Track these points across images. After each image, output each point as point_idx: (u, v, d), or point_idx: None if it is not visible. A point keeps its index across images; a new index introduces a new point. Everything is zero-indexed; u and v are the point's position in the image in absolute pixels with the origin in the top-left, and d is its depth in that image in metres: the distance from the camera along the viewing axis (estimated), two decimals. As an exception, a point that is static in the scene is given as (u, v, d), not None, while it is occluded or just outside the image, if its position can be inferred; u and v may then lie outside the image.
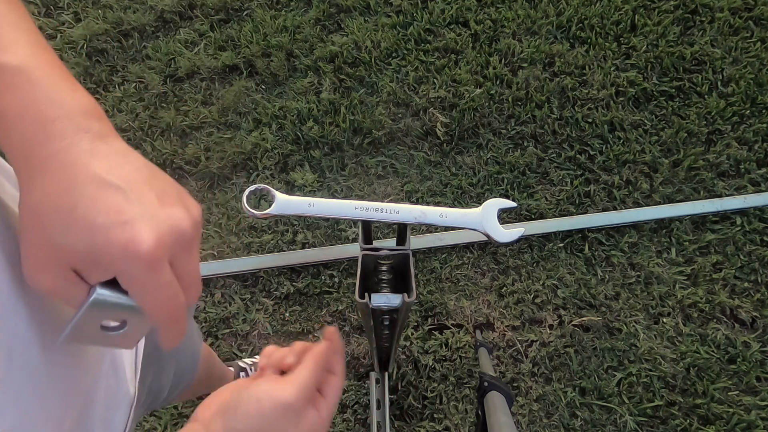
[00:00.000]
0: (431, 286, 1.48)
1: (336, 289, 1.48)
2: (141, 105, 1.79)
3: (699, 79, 1.71)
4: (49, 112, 0.28)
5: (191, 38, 1.90)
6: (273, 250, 1.54)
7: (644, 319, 1.42)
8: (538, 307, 1.45)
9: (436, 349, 1.40)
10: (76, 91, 0.30)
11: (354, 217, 0.57)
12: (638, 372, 1.35)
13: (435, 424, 1.33)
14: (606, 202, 1.57)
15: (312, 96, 1.76)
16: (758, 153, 1.61)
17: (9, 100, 0.28)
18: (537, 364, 1.39)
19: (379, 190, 1.62)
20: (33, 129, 0.28)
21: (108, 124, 0.31)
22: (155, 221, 0.29)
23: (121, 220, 0.28)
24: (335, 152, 1.68)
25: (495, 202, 0.58)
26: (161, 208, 0.30)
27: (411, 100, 1.72)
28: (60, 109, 0.29)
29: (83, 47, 1.90)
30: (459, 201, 1.58)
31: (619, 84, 1.71)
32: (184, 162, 1.68)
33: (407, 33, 1.83)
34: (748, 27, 1.78)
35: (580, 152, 1.63)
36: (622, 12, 1.82)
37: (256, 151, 1.67)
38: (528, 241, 1.52)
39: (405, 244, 0.63)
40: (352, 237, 1.55)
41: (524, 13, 1.83)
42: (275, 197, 0.56)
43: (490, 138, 1.66)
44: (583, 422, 1.32)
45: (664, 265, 1.48)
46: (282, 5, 1.94)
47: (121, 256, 0.28)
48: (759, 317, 1.41)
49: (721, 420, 1.29)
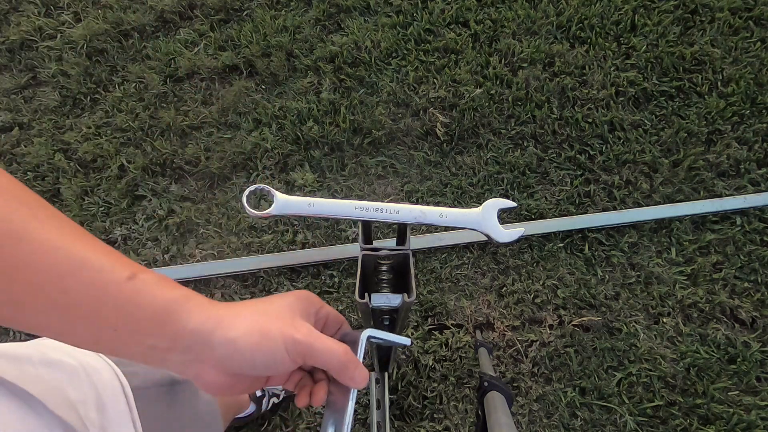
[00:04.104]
0: (431, 286, 1.48)
1: (336, 289, 1.48)
2: (141, 105, 1.79)
3: (699, 79, 1.71)
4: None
5: (191, 38, 1.90)
6: (273, 250, 1.54)
7: (644, 319, 1.42)
8: (538, 307, 1.45)
9: (436, 349, 1.40)
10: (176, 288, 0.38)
11: (354, 217, 0.57)
12: (638, 372, 1.35)
13: (435, 424, 1.33)
14: (606, 202, 1.57)
15: (312, 96, 1.76)
16: (758, 153, 1.61)
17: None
18: (537, 364, 1.39)
19: (379, 190, 1.62)
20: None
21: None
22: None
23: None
24: (335, 152, 1.67)
25: (495, 202, 0.58)
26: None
27: (411, 100, 1.72)
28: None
29: (83, 47, 1.90)
30: (459, 201, 1.58)
31: (619, 84, 1.71)
32: (184, 162, 1.68)
33: (407, 33, 1.83)
34: (748, 27, 1.78)
35: (580, 152, 1.63)
36: (622, 12, 1.82)
37: (256, 151, 1.67)
38: (528, 241, 1.52)
39: (405, 244, 0.63)
40: (352, 237, 1.55)
41: (524, 13, 1.83)
42: (275, 197, 0.56)
43: (490, 138, 1.66)
44: (583, 422, 1.32)
45: (664, 265, 1.48)
46: (282, 5, 1.94)
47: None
48: (759, 317, 1.41)
49: (721, 420, 1.29)
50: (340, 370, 0.39)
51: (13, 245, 0.32)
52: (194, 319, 0.36)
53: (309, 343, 0.37)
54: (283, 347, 0.37)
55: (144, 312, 0.34)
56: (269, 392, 1.33)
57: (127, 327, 0.34)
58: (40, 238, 0.33)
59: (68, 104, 1.83)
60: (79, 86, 1.84)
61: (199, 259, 1.54)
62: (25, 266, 0.32)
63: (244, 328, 0.37)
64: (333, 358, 0.38)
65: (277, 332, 0.37)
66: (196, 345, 0.36)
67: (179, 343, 0.35)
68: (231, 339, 0.36)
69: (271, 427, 1.35)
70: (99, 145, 1.73)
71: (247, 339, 0.36)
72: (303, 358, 0.38)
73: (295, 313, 0.40)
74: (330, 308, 0.45)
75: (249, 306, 0.39)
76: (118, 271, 0.34)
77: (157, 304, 0.35)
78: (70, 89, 1.84)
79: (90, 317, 0.34)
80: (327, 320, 0.45)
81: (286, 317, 0.39)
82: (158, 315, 0.35)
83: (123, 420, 0.49)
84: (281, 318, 0.38)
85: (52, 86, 1.86)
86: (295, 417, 1.36)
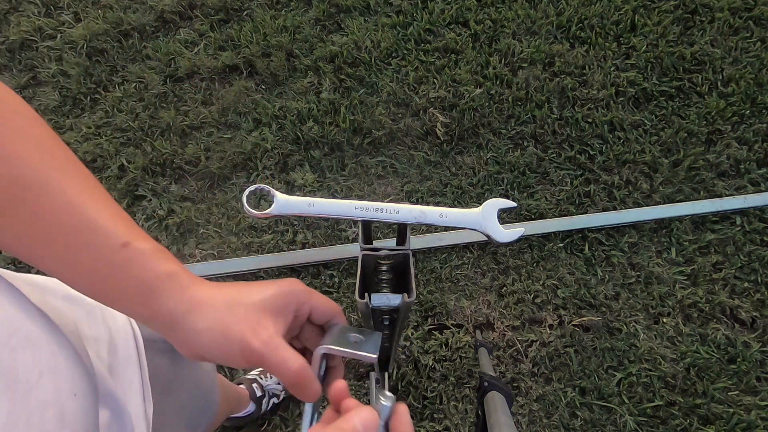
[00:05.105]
0: (431, 286, 1.48)
1: (336, 289, 1.48)
2: (141, 105, 1.79)
3: (699, 79, 1.71)
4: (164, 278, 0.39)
5: (191, 38, 1.90)
6: (273, 250, 1.54)
7: (644, 319, 1.42)
8: (538, 307, 1.45)
9: (436, 349, 1.40)
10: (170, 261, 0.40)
11: (354, 217, 0.57)
12: (638, 372, 1.35)
13: (435, 424, 1.33)
14: (606, 202, 1.57)
15: (312, 96, 1.76)
16: (758, 153, 1.61)
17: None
18: (537, 364, 1.38)
19: (379, 190, 1.62)
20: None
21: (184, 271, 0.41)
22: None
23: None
24: (335, 152, 1.67)
25: (495, 202, 0.58)
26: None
27: (411, 100, 1.72)
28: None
29: (83, 47, 1.90)
30: (459, 201, 1.58)
31: (619, 84, 1.71)
32: (184, 162, 1.68)
33: (407, 33, 1.83)
34: (748, 27, 1.78)
35: (580, 152, 1.63)
36: (622, 12, 1.82)
37: (256, 151, 1.67)
38: (528, 241, 1.52)
39: (405, 244, 0.63)
40: (352, 237, 1.55)
41: (524, 13, 1.83)
42: (275, 197, 0.56)
43: (490, 138, 1.66)
44: (583, 422, 1.32)
45: (664, 265, 1.48)
46: (282, 5, 1.94)
47: None
48: (759, 317, 1.41)
49: (721, 420, 1.29)
50: (290, 385, 0.39)
51: (35, 196, 0.35)
52: (171, 300, 0.37)
53: (261, 354, 0.37)
54: (239, 351, 0.38)
55: (129, 282, 0.37)
56: (269, 392, 1.33)
57: (116, 292, 0.37)
58: (58, 191, 0.35)
59: (68, 104, 1.82)
60: (79, 86, 1.84)
61: (199, 259, 1.54)
62: (41, 218, 0.35)
63: (208, 323, 0.38)
64: (285, 372, 0.38)
65: (237, 335, 0.37)
66: (170, 323, 0.38)
67: (157, 318, 0.38)
68: (196, 330, 0.38)
69: (271, 427, 1.35)
70: (99, 145, 1.73)
71: (207, 335, 0.38)
72: (257, 365, 0.38)
73: (266, 312, 0.39)
74: (319, 300, 0.44)
75: (226, 294, 0.39)
76: (115, 237, 0.36)
77: (143, 278, 0.37)
78: (70, 89, 1.84)
79: (88, 275, 0.37)
80: (312, 313, 0.44)
81: (253, 318, 0.38)
82: (142, 289, 0.37)
83: (131, 364, 0.50)
84: (247, 318, 0.38)
85: (52, 86, 1.86)
86: (295, 417, 1.36)
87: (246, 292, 0.40)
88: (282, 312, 0.40)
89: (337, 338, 0.43)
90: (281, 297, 0.41)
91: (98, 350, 0.47)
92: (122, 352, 0.50)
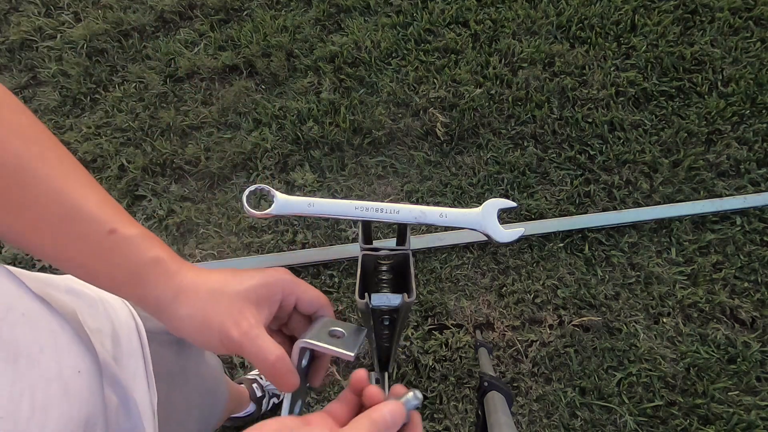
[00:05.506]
0: (431, 286, 1.48)
1: (336, 289, 1.48)
2: (141, 105, 1.79)
3: (699, 79, 1.71)
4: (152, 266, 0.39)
5: (191, 38, 1.90)
6: (273, 250, 1.54)
7: (644, 319, 1.42)
8: (538, 307, 1.45)
9: (436, 349, 1.40)
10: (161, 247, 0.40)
11: (354, 217, 0.57)
12: (638, 372, 1.35)
13: (435, 424, 1.33)
14: (606, 202, 1.57)
15: (312, 96, 1.76)
16: (758, 153, 1.61)
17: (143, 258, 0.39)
18: (537, 364, 1.38)
19: (379, 190, 1.62)
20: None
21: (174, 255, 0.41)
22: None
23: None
24: (335, 152, 1.67)
25: (495, 202, 0.58)
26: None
27: (411, 100, 1.72)
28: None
29: (83, 47, 1.90)
30: (459, 201, 1.58)
31: (619, 84, 1.71)
32: (184, 162, 1.68)
33: (407, 33, 1.83)
34: (748, 27, 1.78)
35: (580, 152, 1.63)
36: (622, 12, 1.82)
37: (256, 151, 1.67)
38: (528, 241, 1.52)
39: (405, 244, 0.63)
40: (352, 237, 1.55)
41: (524, 13, 1.83)
42: (275, 197, 0.56)
43: (490, 138, 1.66)
44: (583, 422, 1.32)
45: (664, 265, 1.48)
46: (282, 5, 1.94)
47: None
48: (759, 317, 1.41)
49: (721, 420, 1.29)
50: (267, 375, 0.39)
51: (21, 186, 0.35)
52: (158, 287, 0.38)
53: (240, 343, 0.38)
54: (218, 340, 0.38)
55: (117, 269, 0.37)
56: (269, 392, 1.33)
57: (105, 277, 0.38)
58: (44, 179, 0.36)
59: (68, 104, 1.82)
60: (79, 86, 1.84)
61: (199, 259, 1.54)
62: (29, 207, 0.35)
63: (189, 310, 0.38)
64: (262, 362, 0.38)
65: (217, 324, 0.38)
66: (157, 308, 0.39)
67: (144, 303, 0.39)
68: (179, 317, 0.39)
69: (271, 427, 1.34)
70: (99, 145, 1.73)
71: (188, 322, 0.38)
72: (237, 353, 0.39)
73: (249, 302, 0.40)
74: (305, 291, 0.43)
75: (213, 282, 0.40)
76: (101, 224, 0.37)
77: (129, 265, 0.38)
78: (70, 89, 1.84)
79: (77, 260, 0.37)
80: (298, 304, 0.44)
81: (235, 308, 0.39)
82: (129, 275, 0.38)
83: (135, 355, 0.50)
84: (229, 308, 0.39)
85: (52, 86, 1.86)
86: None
87: (231, 281, 0.40)
88: (266, 302, 0.41)
89: (318, 332, 0.43)
90: (265, 287, 0.41)
91: (102, 341, 0.47)
92: (126, 345, 0.50)
